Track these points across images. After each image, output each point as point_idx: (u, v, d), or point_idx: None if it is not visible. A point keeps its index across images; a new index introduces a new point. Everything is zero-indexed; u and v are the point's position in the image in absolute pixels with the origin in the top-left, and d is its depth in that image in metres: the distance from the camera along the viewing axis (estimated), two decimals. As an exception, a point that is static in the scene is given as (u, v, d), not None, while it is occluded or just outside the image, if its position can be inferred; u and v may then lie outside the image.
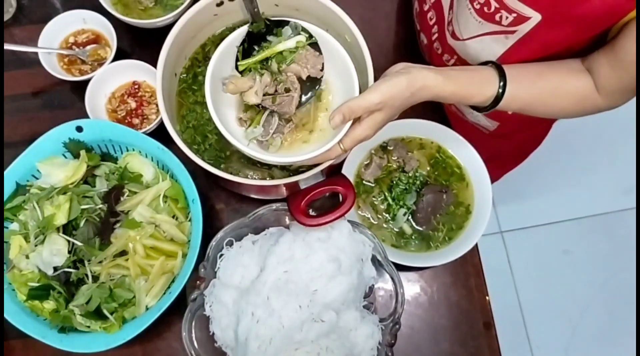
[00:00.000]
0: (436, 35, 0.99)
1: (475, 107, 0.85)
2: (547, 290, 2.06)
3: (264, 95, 0.86)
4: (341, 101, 0.83)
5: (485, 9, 0.80)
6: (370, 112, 0.77)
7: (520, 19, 0.77)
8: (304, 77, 0.86)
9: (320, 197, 0.92)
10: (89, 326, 0.90)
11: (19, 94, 1.14)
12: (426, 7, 1.01)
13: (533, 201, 2.16)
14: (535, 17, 0.76)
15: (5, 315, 0.88)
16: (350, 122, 0.79)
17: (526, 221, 2.14)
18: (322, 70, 0.87)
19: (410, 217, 1.02)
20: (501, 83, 0.80)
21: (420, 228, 1.02)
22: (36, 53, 1.09)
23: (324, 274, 0.89)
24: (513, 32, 0.81)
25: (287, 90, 0.86)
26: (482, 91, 0.80)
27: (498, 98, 0.80)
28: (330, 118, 0.77)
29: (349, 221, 0.93)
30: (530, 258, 2.10)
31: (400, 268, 0.96)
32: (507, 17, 0.79)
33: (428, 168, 1.05)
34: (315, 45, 0.88)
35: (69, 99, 1.13)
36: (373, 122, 0.79)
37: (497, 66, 0.81)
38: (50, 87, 1.14)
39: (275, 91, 0.86)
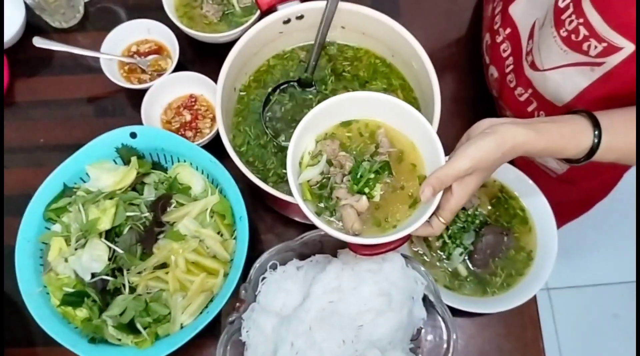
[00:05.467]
0: (511, 67, 0.95)
1: (568, 160, 0.78)
2: (593, 355, 1.93)
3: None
4: (428, 170, 0.78)
5: (573, 36, 0.75)
6: (460, 179, 0.72)
7: (611, 50, 0.72)
8: None
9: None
10: (120, 340, 0.85)
11: (77, 98, 1.14)
12: (499, 39, 0.97)
13: (583, 259, 2.05)
14: (628, 47, 0.70)
15: (37, 319, 0.84)
16: (440, 194, 0.73)
17: (575, 280, 2.03)
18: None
19: (466, 258, 0.95)
20: (596, 132, 0.73)
21: (477, 271, 0.95)
22: (97, 60, 1.09)
23: (372, 308, 0.83)
24: (600, 64, 0.76)
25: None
26: (576, 143, 0.74)
27: (593, 150, 0.74)
28: (420, 192, 0.73)
29: (402, 254, 0.87)
30: (577, 319, 1.98)
31: (451, 311, 0.89)
32: (595, 47, 0.74)
33: (489, 207, 0.99)
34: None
35: (125, 107, 1.13)
36: (466, 188, 0.73)
37: (589, 114, 0.75)
38: (108, 94, 1.14)
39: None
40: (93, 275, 0.86)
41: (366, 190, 0.77)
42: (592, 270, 2.03)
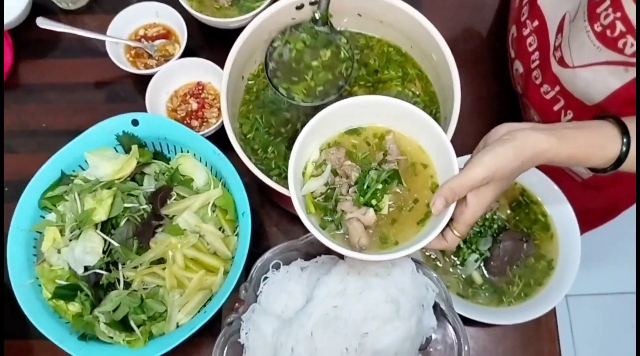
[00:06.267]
0: (537, 62, 0.88)
1: (593, 169, 0.73)
2: (611, 368, 1.86)
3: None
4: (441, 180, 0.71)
5: (608, 32, 0.69)
6: (475, 189, 0.66)
7: None
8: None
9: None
10: (111, 337, 0.81)
11: (81, 82, 1.10)
12: (526, 32, 0.90)
13: (603, 265, 1.97)
14: None
15: (26, 312, 0.80)
16: (453, 206, 0.67)
17: (594, 287, 1.95)
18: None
19: (482, 264, 0.90)
20: (624, 140, 0.67)
21: (493, 279, 0.89)
22: (104, 44, 1.04)
23: (378, 315, 0.77)
24: (635, 64, 0.69)
25: None
26: (602, 151, 0.68)
27: (620, 159, 0.68)
28: (431, 205, 0.66)
29: (412, 259, 0.81)
30: (596, 329, 1.90)
31: (463, 321, 0.84)
32: (632, 45, 0.67)
33: (508, 212, 0.93)
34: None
35: (130, 93, 1.09)
36: (482, 200, 0.67)
37: (618, 120, 0.69)
38: (113, 79, 1.09)
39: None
40: (86, 268, 0.82)
41: (373, 202, 0.71)
42: (612, 278, 1.95)
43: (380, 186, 0.71)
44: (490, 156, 0.64)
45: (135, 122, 0.90)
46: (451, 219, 0.68)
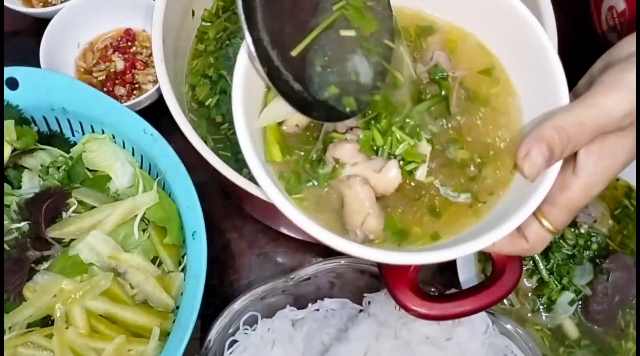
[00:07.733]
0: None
1: None
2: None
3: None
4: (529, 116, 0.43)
5: None
6: (600, 137, 0.38)
7: None
8: None
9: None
10: None
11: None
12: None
13: None
14: None
15: None
16: (558, 166, 0.39)
17: None
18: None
19: (579, 308, 0.57)
20: None
21: (598, 330, 0.58)
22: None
23: (436, 416, 0.44)
24: None
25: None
26: None
27: None
28: (521, 157, 0.38)
29: (488, 311, 0.48)
30: None
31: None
32: None
33: (610, 222, 0.61)
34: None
35: (25, 45, 0.76)
36: (609, 160, 0.39)
37: None
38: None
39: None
40: None
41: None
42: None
43: (412, 122, 0.41)
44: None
45: (12, 83, 0.55)
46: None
